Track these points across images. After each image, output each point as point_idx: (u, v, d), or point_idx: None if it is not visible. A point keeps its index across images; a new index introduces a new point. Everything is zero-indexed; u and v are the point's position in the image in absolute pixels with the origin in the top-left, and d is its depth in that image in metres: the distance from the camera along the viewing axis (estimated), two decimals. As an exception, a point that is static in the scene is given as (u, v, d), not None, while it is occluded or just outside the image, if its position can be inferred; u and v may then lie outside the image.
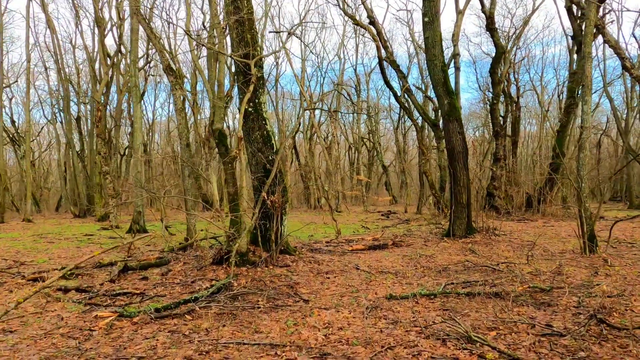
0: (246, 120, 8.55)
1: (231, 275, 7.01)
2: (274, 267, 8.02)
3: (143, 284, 7.21)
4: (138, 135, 16.67)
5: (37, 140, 46.17)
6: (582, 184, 9.43)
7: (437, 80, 11.48)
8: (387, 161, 46.32)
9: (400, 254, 10.26)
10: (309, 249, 10.52)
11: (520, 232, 14.63)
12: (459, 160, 11.54)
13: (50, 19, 26.84)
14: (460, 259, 9.33)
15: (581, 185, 9.44)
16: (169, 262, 9.09)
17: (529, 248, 10.62)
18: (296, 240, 13.09)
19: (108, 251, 12.13)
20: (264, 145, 8.63)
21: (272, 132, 8.79)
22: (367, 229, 18.94)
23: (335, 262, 8.84)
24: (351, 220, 24.22)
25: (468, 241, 11.84)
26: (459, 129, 11.35)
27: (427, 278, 7.62)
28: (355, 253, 10.52)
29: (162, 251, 10.58)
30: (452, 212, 12.08)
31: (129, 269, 8.14)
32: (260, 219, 8.31)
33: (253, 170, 8.72)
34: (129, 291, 6.58)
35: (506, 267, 8.16)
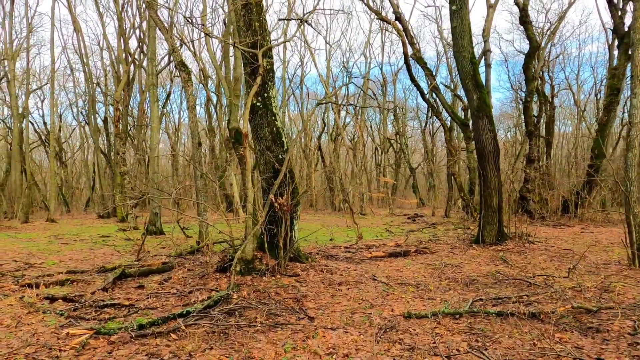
0: (254, 115, 7.88)
1: (231, 285, 6.33)
2: (282, 277, 7.30)
3: (137, 294, 6.60)
4: (155, 135, 16.29)
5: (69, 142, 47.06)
6: (630, 187, 8.36)
7: (466, 74, 10.55)
8: (415, 163, 45.10)
9: (423, 262, 9.40)
10: (324, 255, 9.77)
11: (557, 238, 13.52)
12: (489, 161, 10.57)
13: (77, 20, 26.99)
14: (491, 269, 8.41)
15: (630, 188, 8.38)
16: (172, 268, 8.50)
17: (568, 258, 9.59)
18: (313, 245, 12.37)
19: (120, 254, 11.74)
20: (274, 143, 7.93)
21: (282, 129, 8.09)
22: (391, 233, 18.07)
23: (351, 271, 8.06)
24: (375, 224, 23.37)
25: (499, 249, 10.86)
26: (489, 126, 10.39)
27: (452, 292, 6.76)
28: (374, 260, 9.71)
29: (168, 256, 10.02)
30: (482, 217, 11.12)
31: (127, 276, 7.57)
32: (268, 224, 7.62)
33: (261, 170, 8.04)
34: (119, 302, 5.97)
35: (543, 281, 7.21)
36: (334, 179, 34.14)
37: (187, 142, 49.76)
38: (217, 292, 6.45)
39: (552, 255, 9.96)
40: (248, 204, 7.21)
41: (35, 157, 48.03)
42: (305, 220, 24.70)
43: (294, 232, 8.01)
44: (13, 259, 11.15)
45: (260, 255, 7.60)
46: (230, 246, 8.15)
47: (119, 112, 17.90)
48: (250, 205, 7.19)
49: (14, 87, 25.21)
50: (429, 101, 20.68)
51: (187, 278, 7.40)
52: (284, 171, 7.60)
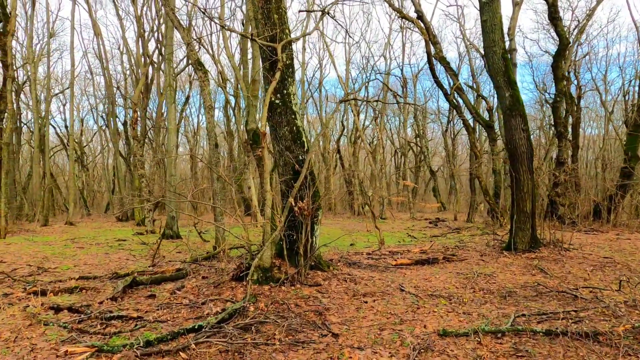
0: (272, 113, 7.40)
1: (247, 297, 5.83)
2: (302, 287, 6.78)
3: (147, 304, 6.16)
4: (172, 137, 15.99)
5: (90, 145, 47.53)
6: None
7: (497, 70, 9.91)
8: (435, 166, 44.23)
9: (452, 270, 8.78)
10: (346, 262, 9.22)
11: (592, 245, 12.72)
12: (522, 162, 9.90)
13: (96, 24, 27.03)
14: (528, 279, 7.75)
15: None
16: (187, 275, 8.07)
17: (610, 267, 8.87)
18: (334, 251, 11.84)
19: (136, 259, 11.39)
20: (293, 143, 7.44)
21: (303, 128, 7.60)
22: (414, 238, 17.42)
23: (376, 281, 7.50)
24: (396, 228, 22.73)
25: (533, 256, 10.16)
26: (522, 126, 9.73)
27: (489, 305, 6.15)
28: (399, 268, 9.12)
29: (183, 262, 9.60)
30: (514, 222, 10.43)
31: (138, 284, 7.15)
32: (287, 229, 7.12)
33: (280, 172, 7.56)
34: (127, 314, 5.53)
35: (590, 294, 6.55)
36: (353, 182, 33.57)
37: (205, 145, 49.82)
38: (233, 303, 5.97)
39: (592, 264, 9.23)
40: (266, 207, 6.73)
41: (58, 160, 48.66)
42: (324, 225, 24.17)
43: (314, 238, 7.49)
44: (27, 263, 10.90)
45: (278, 262, 7.10)
46: (247, 252, 7.68)
47: (136, 114, 17.69)
48: (269, 209, 6.70)
49: (36, 91, 25.34)
50: (452, 101, 19.97)
51: (201, 287, 6.94)
52: (305, 173, 7.11)
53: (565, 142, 18.54)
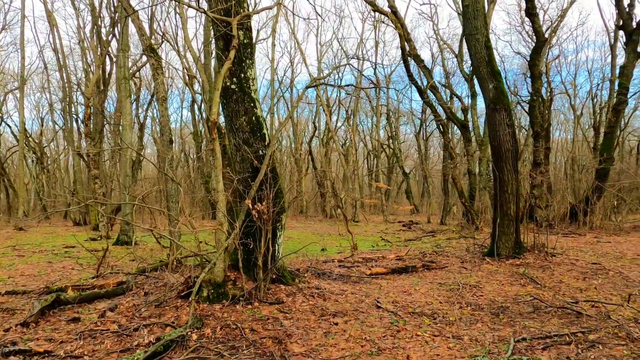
0: (227, 101, 6.32)
1: (189, 322, 4.73)
2: (261, 305, 5.71)
3: (66, 331, 4.97)
4: (127, 134, 14.64)
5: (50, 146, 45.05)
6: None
7: (480, 59, 9.09)
8: (407, 169, 43.77)
9: (433, 281, 7.85)
10: (315, 272, 8.18)
11: (575, 250, 12.08)
12: (507, 161, 9.09)
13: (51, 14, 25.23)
14: (518, 291, 6.89)
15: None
16: (128, 289, 6.88)
17: (602, 275, 8.12)
18: (302, 258, 10.78)
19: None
20: (252, 135, 6.36)
21: (263, 119, 6.54)
22: (388, 242, 16.56)
23: (348, 295, 6.49)
24: (369, 232, 21.89)
25: (517, 263, 9.36)
26: (507, 121, 8.93)
27: (481, 326, 5.21)
28: (374, 278, 8.15)
29: (127, 274, 8.38)
30: (497, 226, 9.61)
31: (63, 303, 5.93)
32: (244, 236, 6.04)
33: (237, 170, 6.47)
34: (33, 347, 4.34)
35: (593, 309, 5.70)
36: (325, 184, 32.62)
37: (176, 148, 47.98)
38: (174, 328, 4.86)
39: (582, 271, 8.47)
40: (218, 211, 5.64)
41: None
42: (295, 228, 23.12)
43: (277, 247, 6.43)
44: (-49, 276, 9.48)
45: (234, 276, 6.01)
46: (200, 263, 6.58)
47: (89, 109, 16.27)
48: (221, 213, 5.61)
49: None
50: (427, 100, 19.25)
51: (140, 306, 5.78)
52: (265, 170, 6.04)
53: (541, 142, 18.05)
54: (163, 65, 10.38)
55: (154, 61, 9.84)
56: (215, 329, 4.84)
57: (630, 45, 19.93)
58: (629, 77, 19.94)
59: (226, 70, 5.84)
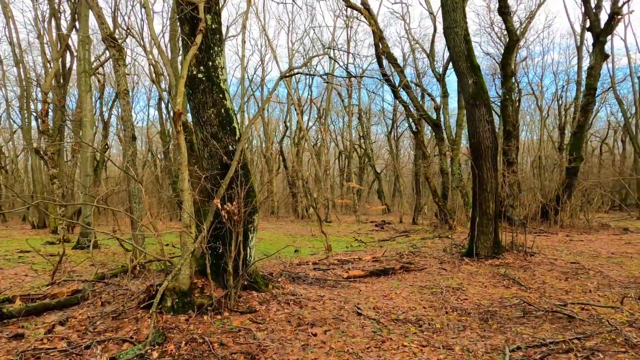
0: (194, 91, 5.77)
1: (149, 337, 4.18)
2: (232, 315, 5.20)
3: (5, 351, 4.33)
4: (88, 131, 13.78)
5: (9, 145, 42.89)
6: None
7: (459, 54, 8.81)
8: (379, 169, 43.76)
9: (414, 283, 7.49)
10: (290, 276, 7.70)
11: (550, 249, 12.01)
12: (486, 159, 8.83)
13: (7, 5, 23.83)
14: (503, 293, 6.59)
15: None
16: (83, 299, 6.23)
17: (584, 274, 7.94)
18: (275, 260, 10.28)
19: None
20: (221, 129, 5.83)
21: (233, 111, 6.01)
22: (362, 242, 16.21)
23: (326, 302, 6.03)
24: (342, 232, 21.53)
25: (497, 263, 9.13)
26: (487, 117, 8.67)
27: (470, 333, 4.85)
28: (352, 282, 7.73)
29: (84, 281, 7.69)
30: (476, 225, 9.36)
31: (7, 317, 5.25)
32: (212, 239, 5.51)
33: (205, 166, 5.93)
34: (-38, 372, 3.71)
35: (584, 312, 5.43)
36: (297, 184, 32.14)
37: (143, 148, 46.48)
38: (133, 344, 4.30)
39: (563, 271, 8.28)
40: (184, 212, 5.09)
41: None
42: (267, 229, 22.55)
43: (249, 250, 5.91)
44: None
45: (201, 283, 5.47)
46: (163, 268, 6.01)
47: (46, 105, 15.29)
48: (187, 214, 5.07)
49: None
50: (400, 98, 19.03)
51: (95, 318, 5.17)
52: (236, 166, 5.53)
53: (514, 141, 18.08)
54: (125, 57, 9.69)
55: (115, 52, 9.15)
56: (179, 345, 4.31)
57: (597, 46, 20.24)
58: (596, 78, 20.25)
59: (192, 57, 5.29)
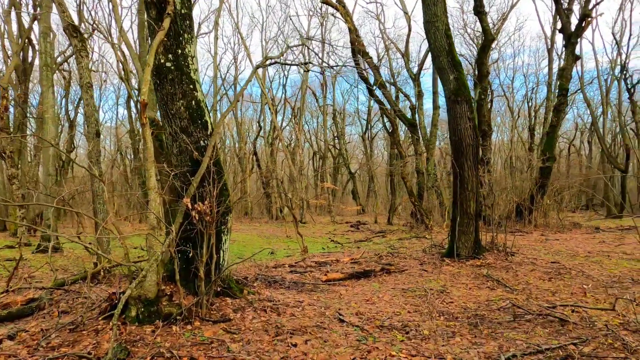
0: (162, 81, 5.31)
1: (110, 353, 3.72)
2: (203, 324, 4.76)
3: (-59, 372, 3.80)
4: (50, 129, 13.01)
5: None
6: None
7: (440, 49, 8.57)
8: (353, 169, 43.65)
9: (395, 286, 7.19)
10: (266, 280, 7.28)
11: (528, 248, 11.95)
12: (467, 157, 8.63)
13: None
14: (489, 295, 6.35)
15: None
16: (38, 309, 5.68)
17: (567, 274, 7.81)
18: (250, 263, 9.83)
19: None
20: (192, 123, 5.39)
21: (205, 104, 5.58)
22: (339, 244, 15.90)
23: (305, 307, 5.65)
24: (318, 233, 21.19)
25: (478, 263, 8.93)
26: (469, 114, 8.46)
27: (460, 339, 4.56)
28: (332, 285, 7.37)
29: (41, 288, 7.09)
30: (457, 225, 9.14)
31: (-53, 332, 4.67)
32: (182, 242, 5.06)
33: (175, 163, 5.48)
34: None
35: (575, 315, 5.21)
36: (271, 184, 31.63)
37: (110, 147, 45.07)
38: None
39: (545, 271, 8.13)
40: (149, 213, 4.63)
41: None
42: (240, 231, 22.01)
43: (222, 253, 5.48)
44: None
45: (170, 290, 5.01)
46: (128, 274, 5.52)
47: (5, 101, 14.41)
48: (153, 215, 4.61)
49: None
50: (375, 96, 18.83)
51: (50, 331, 4.65)
52: (207, 163, 5.09)
53: (489, 140, 18.10)
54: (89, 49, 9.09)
55: (77, 42, 8.55)
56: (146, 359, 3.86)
57: (569, 48, 20.53)
58: (568, 79, 20.52)
59: (159, 43, 4.84)
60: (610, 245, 12.52)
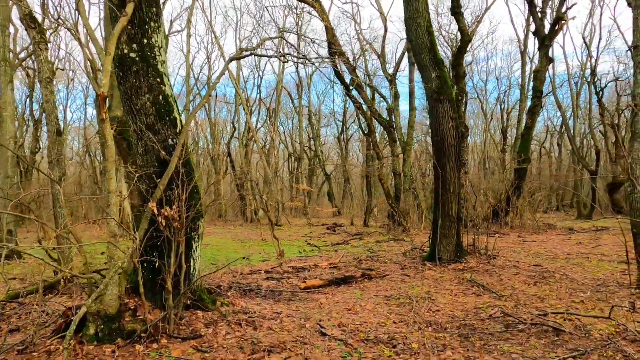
0: (125, 74, 4.83)
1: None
2: (171, 342, 4.30)
3: None
4: (8, 127, 12.21)
5: None
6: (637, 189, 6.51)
7: (421, 46, 8.30)
8: (328, 171, 43.37)
9: (378, 293, 6.85)
10: (240, 289, 6.83)
11: (508, 250, 11.83)
12: (449, 157, 8.38)
13: None
14: (476, 302, 6.07)
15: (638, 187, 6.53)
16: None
17: (552, 278, 7.62)
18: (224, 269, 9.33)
19: None
20: (159, 119, 4.92)
21: (174, 98, 5.11)
22: (315, 247, 15.50)
23: (283, 319, 5.24)
24: (294, 236, 20.75)
25: (460, 267, 8.69)
26: (451, 113, 8.22)
27: (452, 353, 4.23)
28: (311, 292, 6.98)
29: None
30: (438, 228, 8.88)
31: None
32: (147, 250, 4.59)
33: (140, 163, 5.00)
34: None
35: (568, 323, 4.96)
36: (245, 186, 31.03)
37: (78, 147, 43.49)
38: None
39: (529, 275, 7.93)
40: (109, 219, 4.15)
41: None
42: (214, 234, 21.38)
43: (192, 262, 5.02)
44: None
45: (134, 304, 4.52)
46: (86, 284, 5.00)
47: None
48: (114, 222, 4.13)
49: None
50: (352, 96, 18.57)
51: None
52: (176, 163, 4.64)
53: (466, 142, 18.05)
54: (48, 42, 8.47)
55: (36, 34, 7.93)
56: (101, 388, 3.38)
57: (542, 50, 20.71)
58: (542, 81, 20.71)
59: (121, 30, 4.36)
60: (587, 247, 12.52)
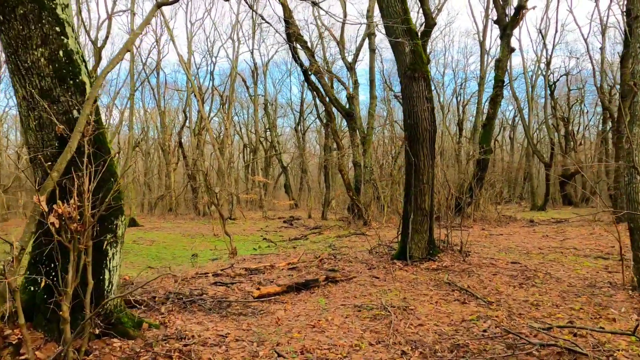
0: (9, 18, 3.48)
1: None
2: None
3: None
4: None
5: None
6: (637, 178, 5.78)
7: (393, 14, 7.28)
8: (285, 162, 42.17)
9: (346, 302, 5.80)
10: (181, 299, 5.60)
11: (477, 245, 11.21)
12: (424, 144, 7.43)
13: None
14: (462, 312, 5.13)
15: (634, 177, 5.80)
16: None
17: (535, 278, 6.85)
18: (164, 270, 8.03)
19: None
20: (59, 82, 3.62)
21: (81, 57, 3.82)
22: (271, 242, 14.37)
23: (230, 345, 4.09)
24: (248, 230, 19.54)
25: (434, 266, 7.80)
26: (427, 94, 7.28)
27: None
28: (266, 302, 5.85)
29: None
30: (410, 223, 7.94)
31: None
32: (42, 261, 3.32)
33: (32, 142, 3.70)
34: None
35: (576, 337, 4.09)
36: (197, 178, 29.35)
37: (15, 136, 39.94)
38: None
39: (510, 274, 7.14)
40: None
41: None
42: (162, 229, 19.82)
43: (107, 276, 3.77)
44: None
45: (16, 337, 3.25)
46: None
47: None
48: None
49: None
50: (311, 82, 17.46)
51: None
52: (79, 139, 3.37)
53: (429, 132, 17.32)
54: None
55: None
56: None
57: (504, 39, 20.34)
58: (504, 70, 20.38)
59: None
60: (555, 240, 12.08)
